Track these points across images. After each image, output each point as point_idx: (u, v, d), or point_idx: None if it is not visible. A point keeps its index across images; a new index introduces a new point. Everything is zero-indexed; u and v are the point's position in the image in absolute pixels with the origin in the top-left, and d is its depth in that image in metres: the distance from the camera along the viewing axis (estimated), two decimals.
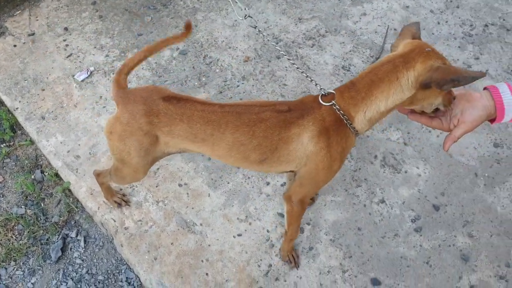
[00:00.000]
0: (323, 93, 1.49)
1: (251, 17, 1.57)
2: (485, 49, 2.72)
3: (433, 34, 2.78)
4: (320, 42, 2.72)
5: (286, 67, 2.61)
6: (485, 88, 1.40)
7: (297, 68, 1.62)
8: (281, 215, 2.12)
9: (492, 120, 1.41)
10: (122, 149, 1.61)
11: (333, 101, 1.46)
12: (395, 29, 2.78)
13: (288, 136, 1.50)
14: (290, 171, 1.63)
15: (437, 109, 1.48)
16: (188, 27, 1.65)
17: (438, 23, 2.84)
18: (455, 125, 1.43)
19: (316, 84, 1.60)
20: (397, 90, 1.40)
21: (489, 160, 2.31)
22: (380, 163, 2.28)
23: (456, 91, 1.45)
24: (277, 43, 2.70)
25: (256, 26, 1.53)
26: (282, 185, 2.19)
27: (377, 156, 2.31)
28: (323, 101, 1.48)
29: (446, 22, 2.84)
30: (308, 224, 2.10)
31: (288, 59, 1.55)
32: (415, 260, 2.02)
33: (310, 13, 2.86)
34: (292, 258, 1.99)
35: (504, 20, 2.86)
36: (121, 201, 2.12)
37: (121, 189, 2.18)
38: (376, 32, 2.78)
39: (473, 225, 2.12)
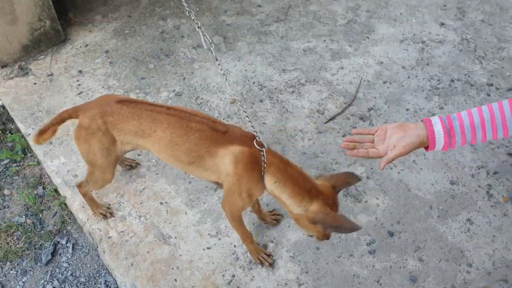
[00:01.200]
0: (257, 138, 1.78)
1: (213, 48, 1.86)
2: (449, 100, 3.02)
3: (402, 86, 3.11)
4: (299, 90, 3.08)
5: (267, 109, 2.95)
6: (422, 120, 1.64)
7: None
8: None
9: (427, 148, 1.65)
10: (88, 150, 1.97)
11: (264, 149, 1.76)
12: (368, 81, 3.13)
13: (215, 151, 1.81)
14: (216, 182, 1.94)
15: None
16: None
17: (408, 77, 3.17)
18: (391, 150, 1.68)
19: (252, 126, 1.86)
20: (296, 203, 1.79)
21: (444, 195, 2.53)
22: (343, 193, 2.52)
23: (394, 122, 1.74)
24: (260, 89, 3.07)
25: (216, 57, 1.85)
26: (250, 211, 2.44)
27: None
28: (257, 145, 1.77)
29: (416, 76, 3.18)
30: (272, 242, 2.33)
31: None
32: (367, 278, 2.20)
33: (293, 66, 3.25)
34: (262, 259, 2.22)
35: (469, 76, 3.17)
36: (106, 212, 2.40)
37: (109, 205, 2.47)
38: (350, 83, 3.12)
39: (424, 251, 2.30)
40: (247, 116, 1.87)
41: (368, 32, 3.52)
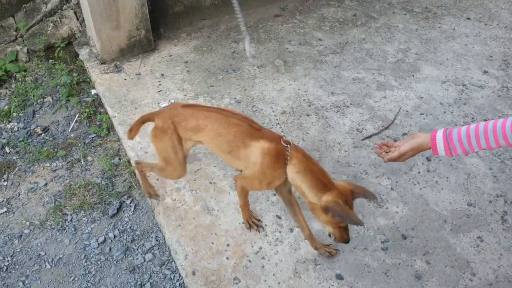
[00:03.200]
0: (284, 137, 2.26)
1: (255, 57, 2.44)
2: None
3: (437, 119, 3.43)
4: (343, 110, 3.50)
5: (312, 122, 3.39)
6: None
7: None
8: (279, 217, 2.75)
9: (434, 152, 1.99)
10: (162, 147, 2.47)
11: (289, 146, 2.20)
12: (406, 111, 3.49)
13: (248, 144, 2.26)
14: (240, 170, 2.40)
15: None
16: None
17: (444, 112, 3.49)
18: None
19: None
20: (313, 192, 2.12)
21: (460, 213, 2.79)
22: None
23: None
24: (309, 106, 3.52)
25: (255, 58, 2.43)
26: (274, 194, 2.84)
27: None
28: (284, 142, 2.22)
29: (451, 112, 3.49)
30: (297, 227, 2.70)
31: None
32: (376, 269, 2.51)
33: (341, 90, 3.69)
34: (252, 223, 2.65)
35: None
36: (153, 194, 2.84)
37: (157, 190, 2.95)
38: (390, 110, 3.50)
39: (432, 256, 2.57)
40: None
41: (414, 71, 3.90)
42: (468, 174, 3.03)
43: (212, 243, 2.62)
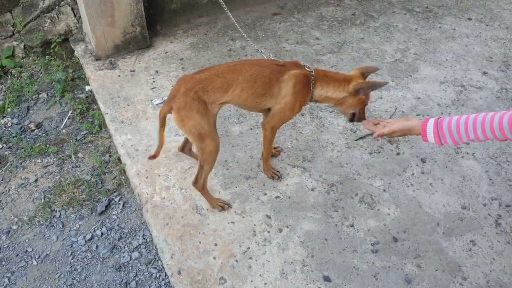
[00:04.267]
0: (306, 66, 2.55)
1: (262, 51, 2.56)
2: None
3: None
4: (337, 111, 3.44)
5: (306, 122, 3.35)
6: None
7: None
8: (268, 216, 2.71)
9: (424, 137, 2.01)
10: (193, 124, 2.34)
11: (312, 70, 2.53)
12: (402, 111, 3.44)
13: (281, 79, 2.46)
14: (269, 109, 2.55)
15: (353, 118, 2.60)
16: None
17: (441, 113, 3.44)
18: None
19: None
20: (340, 91, 2.55)
21: (453, 216, 2.74)
22: (359, 199, 2.82)
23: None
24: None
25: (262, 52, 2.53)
26: (276, 197, 2.80)
27: (358, 194, 2.85)
28: (306, 68, 2.54)
29: (449, 114, 3.43)
30: (287, 227, 2.66)
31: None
32: (365, 272, 2.46)
33: None
34: (273, 174, 2.86)
35: None
36: (224, 204, 2.75)
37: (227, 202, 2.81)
38: (386, 111, 3.45)
39: (423, 259, 2.52)
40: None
41: (412, 71, 3.85)
42: (463, 176, 2.97)
43: (200, 242, 2.59)
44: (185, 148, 2.93)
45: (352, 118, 2.69)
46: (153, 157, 2.54)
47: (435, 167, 3.03)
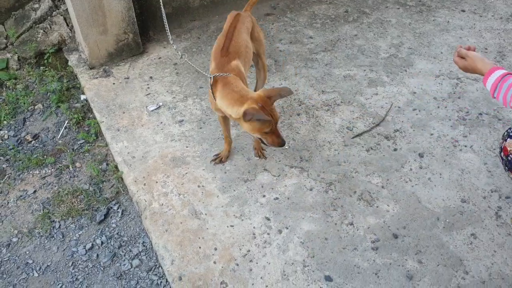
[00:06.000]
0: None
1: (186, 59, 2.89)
2: (474, 130, 3.22)
3: (430, 114, 3.36)
4: (334, 109, 3.44)
5: (302, 121, 3.34)
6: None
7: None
8: (267, 218, 2.70)
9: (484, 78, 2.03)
10: (244, 38, 2.82)
11: (211, 77, 2.61)
12: (398, 107, 3.42)
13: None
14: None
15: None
16: None
17: (438, 107, 3.43)
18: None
19: None
20: (233, 109, 2.45)
21: (453, 210, 2.73)
22: (358, 197, 2.81)
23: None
24: (299, 105, 3.47)
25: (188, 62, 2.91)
26: (275, 199, 2.80)
27: (356, 192, 2.84)
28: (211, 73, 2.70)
29: (445, 107, 3.42)
30: (287, 228, 2.66)
31: None
32: (366, 270, 2.45)
33: (332, 88, 3.63)
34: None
35: (498, 112, 3.37)
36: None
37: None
38: (382, 107, 3.44)
39: (424, 255, 2.51)
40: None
41: (407, 66, 3.83)
42: (462, 170, 2.96)
43: (200, 247, 2.58)
44: None
45: (262, 142, 2.58)
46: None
47: (433, 161, 3.02)
